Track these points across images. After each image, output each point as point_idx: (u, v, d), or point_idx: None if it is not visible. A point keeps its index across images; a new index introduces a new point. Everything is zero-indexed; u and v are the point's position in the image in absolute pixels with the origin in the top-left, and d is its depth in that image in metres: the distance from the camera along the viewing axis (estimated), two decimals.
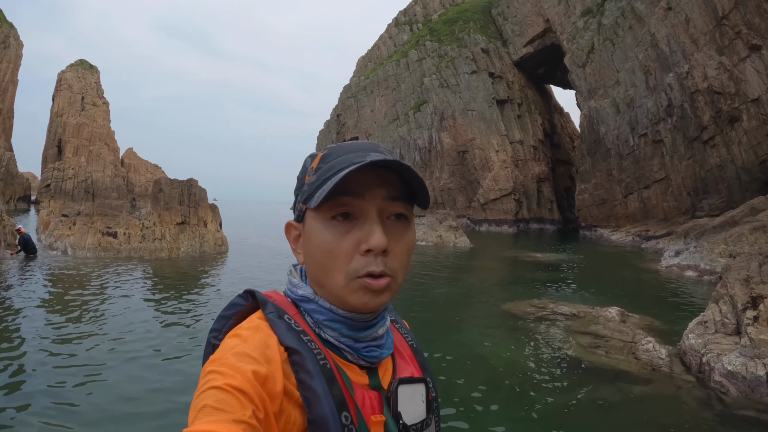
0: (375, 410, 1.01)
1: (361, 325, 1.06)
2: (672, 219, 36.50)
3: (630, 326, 10.61)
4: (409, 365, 1.18)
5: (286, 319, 1.02)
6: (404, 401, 1.06)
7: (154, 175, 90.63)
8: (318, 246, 1.01)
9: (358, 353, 1.06)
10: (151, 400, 6.60)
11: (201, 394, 0.84)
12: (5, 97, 70.39)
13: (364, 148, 1.04)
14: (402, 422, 1.03)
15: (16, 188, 64.15)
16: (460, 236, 32.52)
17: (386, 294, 1.01)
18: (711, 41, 32.83)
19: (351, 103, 78.79)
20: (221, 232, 25.34)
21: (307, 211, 1.05)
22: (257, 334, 0.97)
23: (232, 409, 0.81)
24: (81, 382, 7.02)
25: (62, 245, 21.31)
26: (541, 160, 59.50)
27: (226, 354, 0.91)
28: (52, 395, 6.57)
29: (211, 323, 1.13)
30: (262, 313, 1.04)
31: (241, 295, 1.12)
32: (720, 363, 7.61)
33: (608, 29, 43.69)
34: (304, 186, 1.07)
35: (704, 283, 18.06)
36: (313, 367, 0.95)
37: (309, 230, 1.04)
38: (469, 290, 16.65)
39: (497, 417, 6.58)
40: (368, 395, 1.02)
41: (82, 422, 5.89)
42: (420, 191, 1.04)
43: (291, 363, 0.96)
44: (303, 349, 0.97)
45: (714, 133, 33.12)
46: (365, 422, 0.97)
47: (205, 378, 0.87)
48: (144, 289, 14.23)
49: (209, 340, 1.09)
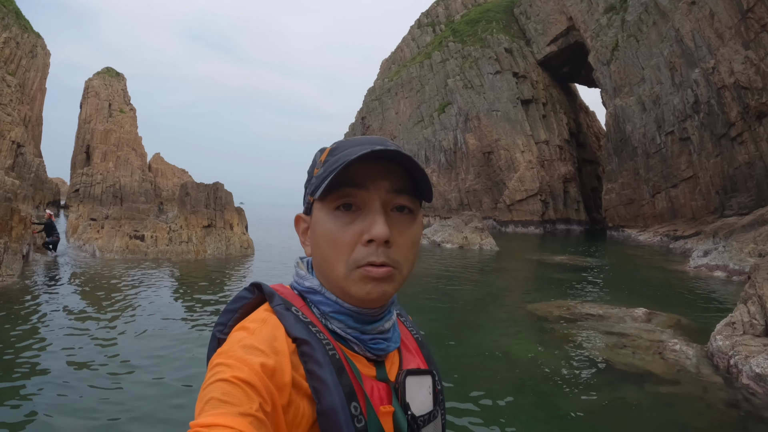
0: (383, 401, 1.02)
1: (367, 318, 1.07)
2: (700, 218, 35.97)
3: (657, 327, 10.50)
4: (415, 358, 1.19)
5: (294, 311, 1.03)
6: (412, 392, 1.08)
7: (180, 179, 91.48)
8: (322, 236, 1.03)
9: (365, 345, 1.07)
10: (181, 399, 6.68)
11: (208, 386, 0.84)
12: (34, 105, 71.54)
13: (372, 141, 1.04)
14: (410, 413, 1.04)
15: (46, 193, 65.07)
16: (486, 238, 32.31)
17: (389, 284, 1.01)
18: (736, 35, 32.30)
19: (375, 106, 78.87)
20: (247, 235, 25.51)
21: (314, 203, 1.06)
22: (265, 327, 0.97)
23: (238, 401, 0.81)
24: (107, 382, 7.12)
25: (90, 248, 21.64)
26: (567, 160, 59.05)
27: (234, 346, 0.91)
28: (79, 391, 6.67)
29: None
30: (269, 306, 1.04)
31: (247, 289, 1.11)
32: (748, 365, 7.49)
33: (632, 25, 43.23)
34: (312, 178, 1.08)
35: (733, 283, 17.77)
36: (322, 357, 0.95)
37: (315, 221, 1.06)
38: (495, 291, 16.58)
39: (522, 417, 6.55)
40: (377, 386, 1.03)
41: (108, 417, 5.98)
42: (424, 184, 1.05)
43: (300, 354, 0.96)
44: (312, 339, 0.97)
45: (742, 130, 32.57)
46: (374, 412, 0.97)
47: (213, 370, 0.87)
48: (171, 290, 14.37)
49: (214, 334, 1.09)
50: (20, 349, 8.57)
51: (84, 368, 7.76)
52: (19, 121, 59.43)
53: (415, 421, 1.04)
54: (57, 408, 6.31)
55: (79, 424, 5.91)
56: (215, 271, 18.75)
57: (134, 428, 5.89)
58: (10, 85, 59.69)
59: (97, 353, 8.52)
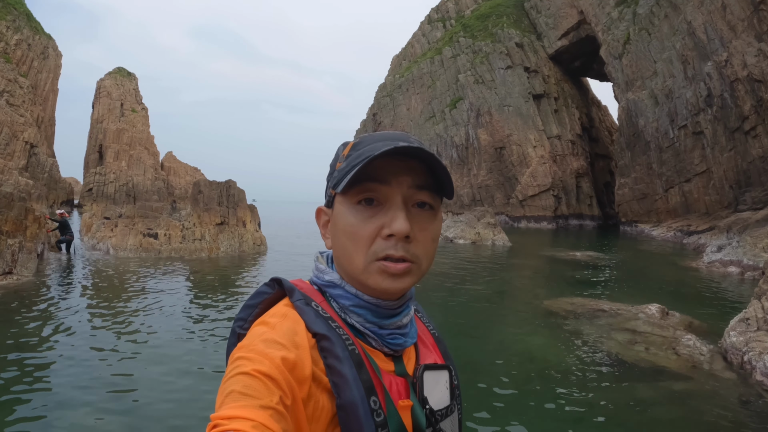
0: (402, 395, 1.04)
1: (386, 313, 1.09)
2: (714, 213, 35.66)
3: (670, 323, 10.46)
4: (432, 353, 1.20)
5: (314, 306, 1.04)
6: (430, 387, 1.10)
7: (193, 177, 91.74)
8: (343, 229, 1.05)
9: (383, 340, 1.08)
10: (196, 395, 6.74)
11: (229, 379, 0.85)
12: (46, 106, 71.91)
13: (394, 137, 1.06)
14: (428, 407, 1.06)
15: (59, 193, 65.51)
16: (499, 233, 32.23)
17: (407, 279, 1.03)
18: (749, 27, 31.96)
19: (387, 102, 78.77)
20: (260, 232, 25.63)
21: (336, 196, 1.08)
22: (285, 321, 0.98)
23: (259, 394, 0.82)
24: (121, 379, 7.19)
25: (105, 247, 21.80)
26: (580, 155, 58.75)
27: (255, 341, 0.92)
28: (93, 389, 6.75)
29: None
30: (289, 301, 1.06)
31: (267, 284, 1.13)
32: (762, 361, 7.47)
33: (644, 19, 42.89)
34: (335, 172, 1.09)
35: (747, 279, 17.68)
36: (342, 352, 0.97)
37: (336, 214, 1.08)
38: (508, 288, 16.58)
39: (534, 412, 6.57)
40: (395, 381, 1.05)
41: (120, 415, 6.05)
42: (445, 181, 1.06)
43: (320, 349, 0.97)
44: (332, 334, 0.99)
45: (756, 123, 32.20)
46: (394, 406, 0.99)
47: (234, 364, 0.88)
48: (185, 288, 14.46)
49: (234, 329, 1.10)
50: (34, 346, 8.67)
51: (98, 365, 7.84)
52: (32, 121, 59.83)
53: (434, 415, 1.06)
54: (69, 405, 6.39)
55: (93, 421, 5.99)
56: (228, 268, 18.84)
57: (150, 425, 5.96)
58: (23, 86, 60.09)
59: (111, 351, 8.60)
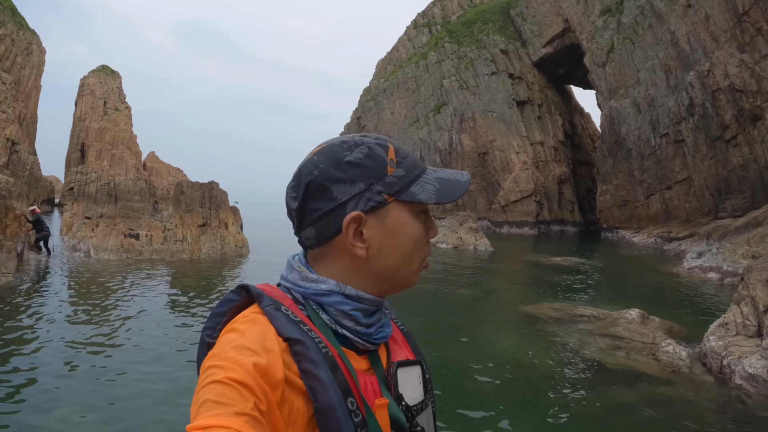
0: (377, 394, 1.03)
1: (374, 309, 1.10)
2: (694, 220, 36.06)
3: (650, 328, 10.53)
4: (402, 349, 1.20)
5: (284, 310, 1.02)
6: (404, 383, 1.10)
7: (175, 178, 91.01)
8: (411, 237, 1.09)
9: (370, 338, 1.08)
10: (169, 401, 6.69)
11: (202, 389, 0.84)
12: (29, 103, 71.31)
13: (453, 172, 1.17)
14: (404, 403, 1.06)
15: (40, 191, 64.90)
16: (481, 238, 32.33)
17: None
18: (732, 38, 32.38)
19: (371, 106, 78.79)
20: (242, 234, 25.50)
21: (391, 203, 1.07)
22: (255, 327, 0.96)
23: (233, 402, 0.80)
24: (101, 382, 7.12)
25: (85, 247, 21.59)
26: (562, 162, 59.10)
27: (225, 348, 0.90)
28: (72, 392, 6.68)
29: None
30: (258, 307, 1.03)
31: (234, 291, 1.09)
32: (741, 365, 7.55)
33: (628, 28, 43.29)
34: (388, 177, 1.07)
35: (726, 285, 17.85)
36: (316, 355, 0.95)
37: (397, 221, 1.07)
38: (489, 292, 16.61)
39: (515, 418, 6.58)
40: (369, 380, 1.04)
41: (98, 421, 5.99)
42: None
43: (292, 353, 0.95)
44: (305, 338, 0.97)
45: (736, 132, 32.65)
46: (369, 406, 0.98)
47: (206, 373, 0.87)
48: (166, 290, 14.36)
49: (203, 338, 1.07)
50: (13, 347, 8.57)
51: (78, 368, 7.77)
52: (14, 118, 59.27)
53: (410, 410, 1.06)
54: (46, 409, 6.31)
55: (72, 426, 5.92)
56: (210, 270, 18.74)
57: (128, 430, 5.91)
58: (5, 82, 59.51)
59: (91, 353, 8.52)
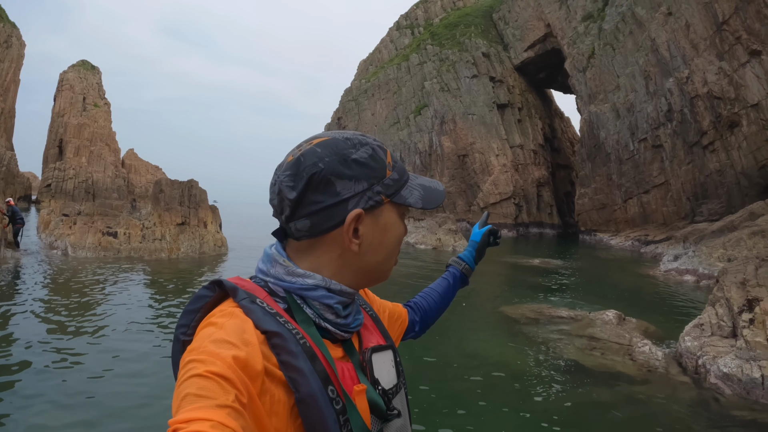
0: (354, 380, 1.05)
1: (351, 301, 1.14)
2: (671, 224, 36.46)
3: (627, 329, 10.64)
4: (374, 334, 1.23)
5: (259, 303, 1.02)
6: (378, 368, 1.13)
7: (154, 176, 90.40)
8: (397, 236, 1.18)
9: (348, 327, 1.11)
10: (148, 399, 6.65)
11: (182, 383, 0.84)
12: (7, 97, 70.40)
13: (432, 182, 1.28)
14: (380, 388, 1.09)
15: (17, 188, 64.15)
16: (460, 240, 32.48)
17: None
18: (711, 46, 32.80)
19: (352, 107, 78.69)
20: (221, 234, 25.36)
21: (386, 204, 1.13)
22: (232, 320, 0.96)
23: (214, 395, 0.81)
24: (78, 382, 7.06)
25: (62, 244, 21.34)
26: (541, 165, 59.45)
27: (204, 342, 0.91)
28: (46, 394, 6.61)
29: None
30: (234, 301, 1.03)
31: (207, 287, 1.08)
32: (716, 365, 7.65)
33: (609, 34, 43.67)
34: (387, 179, 1.12)
35: (702, 287, 18.08)
36: (295, 347, 0.96)
37: (388, 221, 1.15)
38: (467, 294, 16.64)
39: (493, 418, 6.61)
40: (346, 367, 1.06)
41: (77, 420, 5.93)
42: None
43: (271, 346, 0.96)
44: (282, 330, 0.97)
45: (714, 138, 33.08)
46: (348, 393, 1.00)
47: (186, 368, 0.87)
48: (142, 289, 14.27)
49: (177, 336, 1.06)
50: None
51: (54, 368, 7.70)
52: None
53: (386, 395, 1.09)
54: (22, 408, 6.25)
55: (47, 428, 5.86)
56: (189, 269, 18.62)
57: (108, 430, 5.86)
58: None
59: (68, 353, 8.44)
